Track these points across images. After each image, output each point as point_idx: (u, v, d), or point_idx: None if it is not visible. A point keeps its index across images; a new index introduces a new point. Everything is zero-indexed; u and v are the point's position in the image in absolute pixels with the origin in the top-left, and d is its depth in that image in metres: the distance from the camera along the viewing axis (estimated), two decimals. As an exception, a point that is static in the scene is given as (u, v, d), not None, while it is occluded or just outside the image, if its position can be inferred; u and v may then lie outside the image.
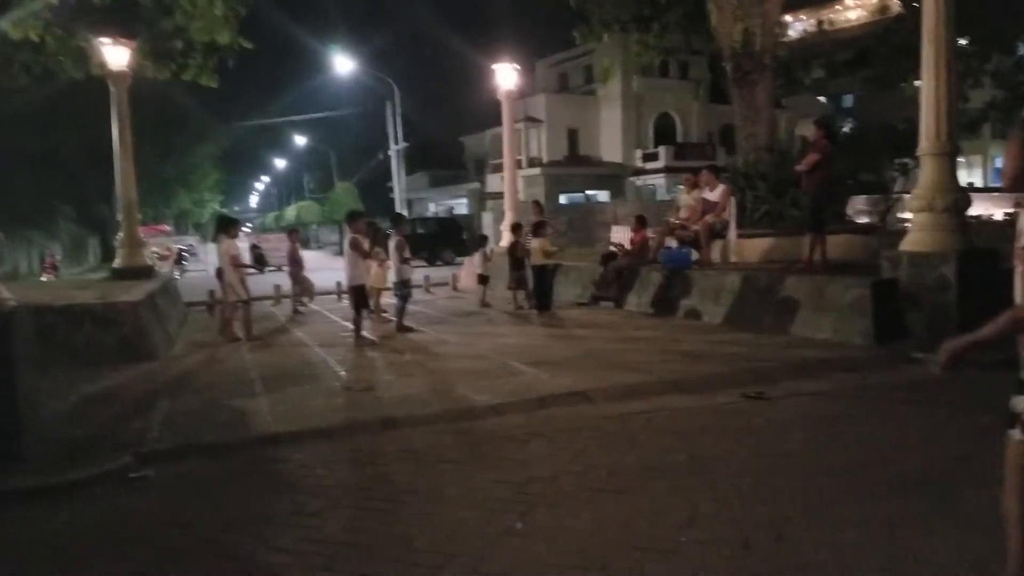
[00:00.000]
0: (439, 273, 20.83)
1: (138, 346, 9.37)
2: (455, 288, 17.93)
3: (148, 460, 5.31)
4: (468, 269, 18.15)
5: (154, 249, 24.89)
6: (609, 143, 47.84)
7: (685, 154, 43.61)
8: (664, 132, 48.25)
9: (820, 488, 4.28)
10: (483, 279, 14.45)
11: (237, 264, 10.89)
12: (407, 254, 11.19)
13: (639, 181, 46.86)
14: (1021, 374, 2.37)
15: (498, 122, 21.59)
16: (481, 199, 45.83)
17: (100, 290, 11.48)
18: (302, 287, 14.66)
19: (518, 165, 28.24)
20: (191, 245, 34.69)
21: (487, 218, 38.29)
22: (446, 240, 33.09)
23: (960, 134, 9.02)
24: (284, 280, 15.97)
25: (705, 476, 4.56)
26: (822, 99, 47.88)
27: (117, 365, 8.77)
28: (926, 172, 8.54)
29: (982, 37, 22.66)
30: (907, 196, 9.74)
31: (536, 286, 12.59)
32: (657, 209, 25.37)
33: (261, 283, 18.26)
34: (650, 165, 46.17)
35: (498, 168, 39.67)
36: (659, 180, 45.29)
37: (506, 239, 15.36)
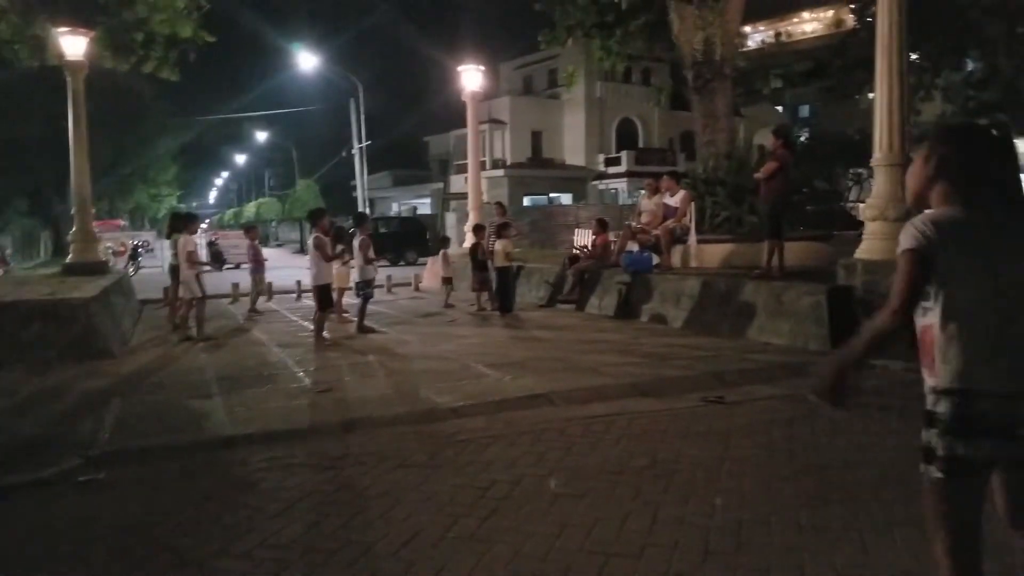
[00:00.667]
0: (401, 273, 20.74)
1: (90, 344, 9.13)
2: (417, 288, 17.87)
3: (99, 462, 5.18)
4: (431, 269, 18.10)
5: (108, 244, 24.39)
6: (572, 146, 48.07)
7: (646, 159, 44.07)
8: (626, 137, 48.64)
9: (780, 493, 4.33)
10: (446, 280, 14.41)
11: (194, 261, 10.71)
12: (371, 254, 11.11)
13: (601, 185, 47.16)
14: (927, 405, 2.28)
15: (462, 123, 21.57)
16: (444, 200, 45.69)
17: (51, 286, 11.21)
18: (258, 289, 14.45)
19: (482, 166, 28.20)
20: (147, 241, 34.05)
21: (450, 219, 38.19)
22: (409, 240, 32.96)
23: (912, 146, 9.23)
24: (243, 277, 15.74)
25: (666, 480, 4.58)
26: (779, 109, 48.69)
27: (68, 363, 8.57)
28: (879, 182, 8.73)
29: (932, 53, 23.24)
30: (861, 205, 9.92)
31: (499, 288, 12.58)
32: (619, 213, 25.61)
33: (219, 281, 18.02)
34: (612, 169, 46.51)
35: (462, 169, 39.66)
36: (621, 184, 45.65)
37: (469, 240, 15.34)
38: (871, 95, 10.04)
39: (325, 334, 10.25)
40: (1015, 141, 2.57)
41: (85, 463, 5.15)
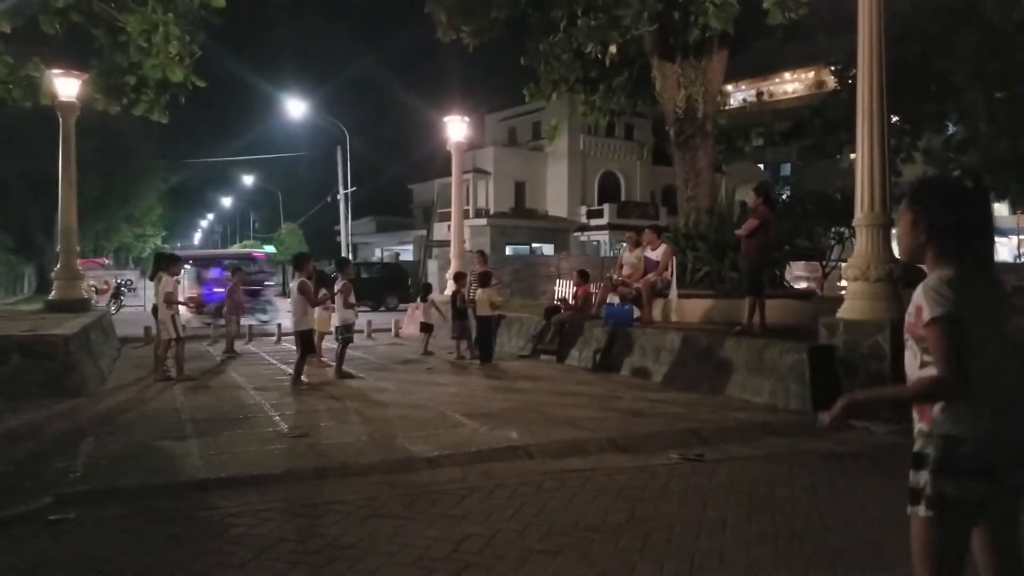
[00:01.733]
0: (382, 319, 20.66)
1: (67, 381, 9.07)
2: (397, 335, 17.80)
3: (70, 502, 5.09)
4: (411, 316, 18.06)
5: (91, 283, 24.22)
6: (555, 198, 48.52)
7: (628, 212, 44.57)
8: (608, 190, 49.22)
9: (758, 556, 4.28)
10: (426, 327, 14.39)
11: (171, 302, 10.66)
12: (352, 299, 11.09)
13: (583, 236, 47.53)
14: (916, 447, 2.39)
15: (447, 172, 21.77)
16: (427, 247, 45.80)
17: (32, 322, 11.12)
18: (233, 330, 14.41)
19: (465, 215, 28.39)
20: (130, 280, 33.81)
21: (432, 266, 38.27)
22: (391, 286, 32.92)
23: (893, 207, 9.38)
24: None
25: (644, 538, 4.54)
26: (761, 167, 49.55)
27: (44, 400, 8.49)
28: (861, 242, 8.82)
29: (913, 116, 23.80)
30: (843, 264, 10.05)
31: (479, 337, 12.56)
32: (601, 264, 25.74)
33: (198, 322, 17.86)
34: (594, 221, 46.94)
35: (445, 217, 39.80)
36: (603, 236, 46.03)
37: (450, 288, 15.36)
38: (852, 155, 10.21)
39: (304, 378, 10.19)
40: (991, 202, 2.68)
41: (55, 502, 5.05)
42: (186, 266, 18.51)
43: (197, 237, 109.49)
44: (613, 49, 13.99)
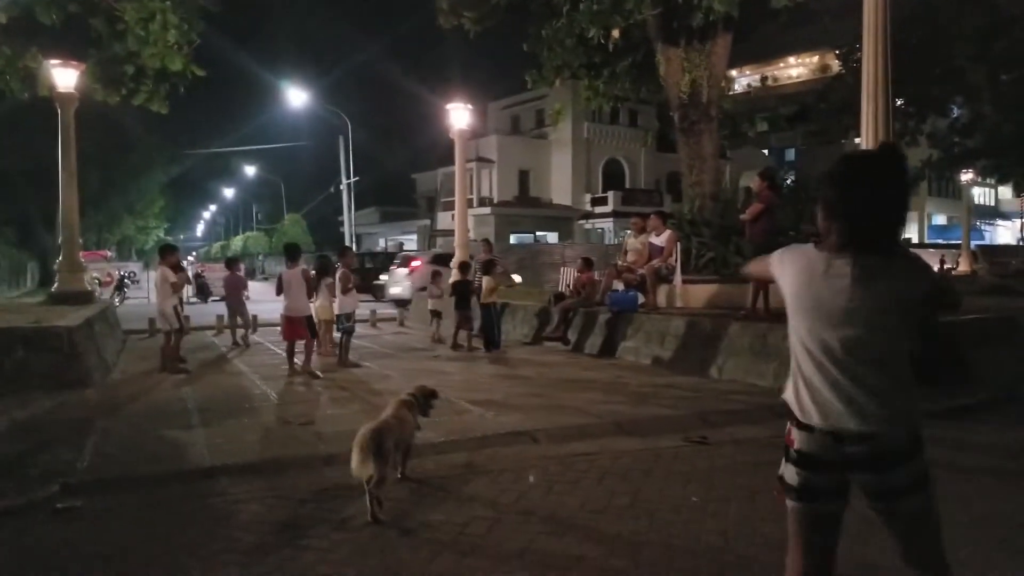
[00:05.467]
0: (386, 308, 20.67)
1: (72, 372, 9.07)
2: (401, 324, 17.81)
3: (77, 490, 5.11)
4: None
5: (95, 275, 24.25)
6: (559, 186, 48.45)
7: (633, 199, 44.47)
8: (613, 177, 49.13)
9: (763, 536, 4.29)
10: (435, 314, 14.39)
11: (171, 291, 10.65)
12: (350, 285, 11.10)
13: (588, 224, 47.48)
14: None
15: (450, 161, 21.75)
16: (431, 236, 45.84)
17: (36, 314, 11.13)
18: (238, 321, 14.46)
19: (469, 204, 28.33)
20: (133, 272, 33.85)
21: (436, 255, 38.20)
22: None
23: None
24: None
25: (648, 521, 4.55)
26: (765, 152, 49.34)
27: (50, 391, 8.49)
28: (865, 225, 8.80)
29: (918, 99, 23.68)
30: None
31: (484, 324, 12.55)
32: (605, 252, 25.73)
33: (204, 313, 17.91)
34: (599, 209, 46.88)
35: (449, 206, 39.84)
36: (608, 224, 45.99)
37: (454, 276, 15.34)
38: (856, 140, 10.17)
39: (313, 365, 10.19)
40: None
41: (63, 491, 5.08)
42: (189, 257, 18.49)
43: (200, 229, 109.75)
44: (616, 34, 13.93)
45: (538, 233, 46.02)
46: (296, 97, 35.01)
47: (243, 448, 6.20)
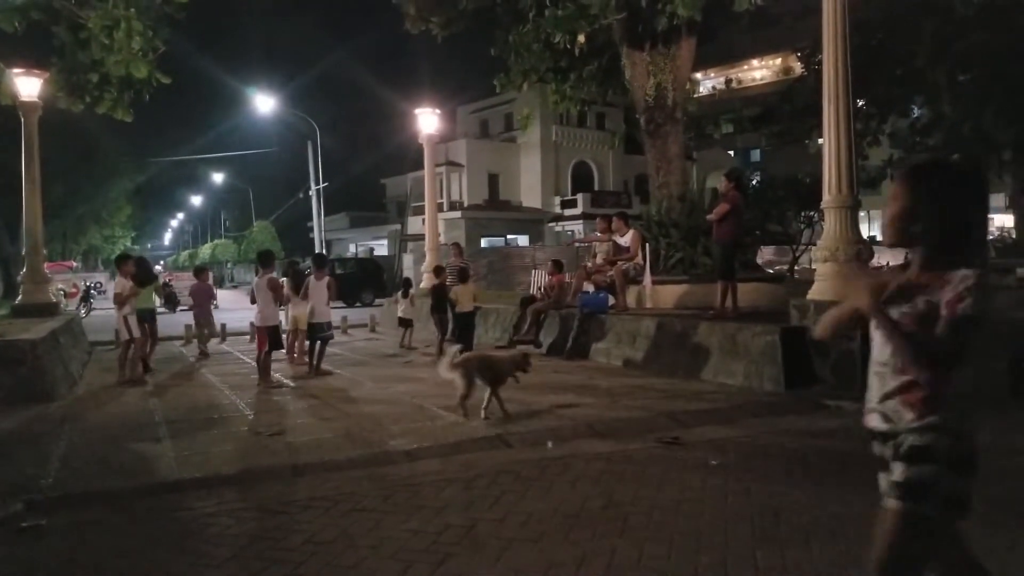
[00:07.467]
0: (358, 314, 20.57)
1: (37, 386, 8.93)
2: (373, 330, 17.74)
3: (42, 508, 5.01)
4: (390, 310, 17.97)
5: (60, 286, 23.86)
6: (529, 189, 48.54)
7: (602, 201, 44.69)
8: (582, 179, 49.33)
9: (737, 535, 4.32)
10: (405, 322, 14.34)
11: (120, 302, 10.53)
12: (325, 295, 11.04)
13: (558, 227, 47.58)
14: (921, 440, 2.29)
15: (420, 165, 21.69)
16: (402, 241, 45.64)
17: (-1, 327, 10.95)
18: (204, 331, 14.32)
19: (439, 208, 28.31)
20: (99, 283, 33.35)
21: (408, 260, 38.15)
22: (366, 281, 32.75)
23: (861, 189, 9.51)
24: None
25: (623, 523, 4.56)
26: (731, 153, 49.85)
27: (14, 405, 8.36)
28: (830, 224, 8.94)
29: (879, 100, 24.06)
30: (813, 248, 10.15)
31: (461, 334, 12.46)
32: (576, 254, 25.80)
33: (172, 323, 17.70)
34: (568, 211, 47.02)
35: (419, 210, 39.68)
36: (577, 226, 46.09)
37: (427, 282, 15.32)
38: (820, 140, 10.31)
39: (277, 375, 10.11)
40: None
41: (28, 508, 4.98)
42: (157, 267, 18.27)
43: (168, 237, 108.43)
44: (582, 38, 13.99)
45: (509, 236, 46.07)
46: (264, 103, 34.72)
47: (212, 460, 6.13)
